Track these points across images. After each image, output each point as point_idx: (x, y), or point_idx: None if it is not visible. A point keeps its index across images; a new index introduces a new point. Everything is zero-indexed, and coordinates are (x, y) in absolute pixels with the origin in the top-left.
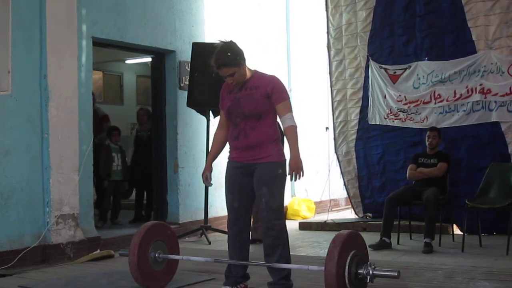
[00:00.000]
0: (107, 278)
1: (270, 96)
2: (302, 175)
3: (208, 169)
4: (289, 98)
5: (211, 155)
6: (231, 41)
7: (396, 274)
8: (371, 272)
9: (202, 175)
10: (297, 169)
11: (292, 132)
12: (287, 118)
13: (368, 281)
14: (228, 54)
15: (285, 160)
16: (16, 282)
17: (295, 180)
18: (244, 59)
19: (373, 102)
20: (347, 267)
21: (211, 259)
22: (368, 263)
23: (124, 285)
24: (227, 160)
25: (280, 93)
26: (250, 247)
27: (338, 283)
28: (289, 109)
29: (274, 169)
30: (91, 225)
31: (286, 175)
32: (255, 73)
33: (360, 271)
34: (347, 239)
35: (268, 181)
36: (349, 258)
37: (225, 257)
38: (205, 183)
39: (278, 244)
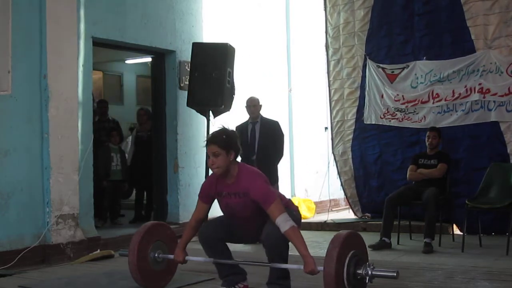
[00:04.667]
0: (107, 278)
1: (257, 202)
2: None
3: (184, 255)
4: (276, 197)
5: (184, 241)
6: (232, 131)
7: (395, 274)
8: (370, 272)
9: (176, 261)
10: (314, 273)
11: (294, 235)
12: (282, 221)
13: (367, 281)
14: (223, 136)
15: (296, 208)
16: (16, 282)
17: None
18: (234, 152)
19: (370, 102)
20: (345, 268)
21: (210, 259)
22: (367, 263)
23: (124, 285)
24: None
25: (264, 198)
26: (250, 247)
27: (337, 283)
28: (281, 210)
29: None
30: (91, 225)
31: (299, 216)
32: (241, 174)
33: (359, 271)
34: (346, 239)
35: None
36: (348, 258)
37: None
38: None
39: (278, 247)
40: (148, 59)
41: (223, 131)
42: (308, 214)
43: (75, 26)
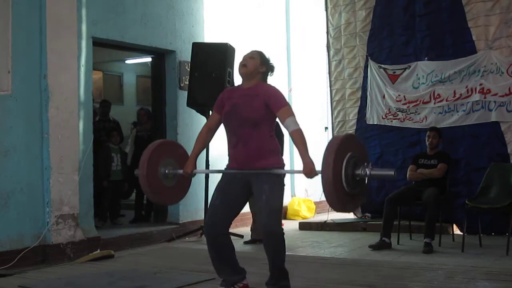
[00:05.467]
0: (107, 278)
1: (268, 104)
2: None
3: (192, 167)
4: (288, 104)
5: (195, 153)
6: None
7: (393, 173)
8: (368, 172)
9: (183, 172)
10: (312, 175)
11: (298, 136)
12: (290, 122)
13: (366, 182)
14: (264, 53)
15: (284, 166)
16: (16, 282)
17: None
18: (268, 69)
19: (371, 102)
20: (343, 171)
21: (215, 170)
22: (365, 164)
23: (124, 285)
24: (225, 167)
25: (278, 100)
26: (250, 247)
27: (335, 188)
28: (290, 113)
29: (277, 177)
30: (91, 225)
31: (284, 184)
32: (260, 83)
33: (357, 172)
34: (341, 143)
35: (269, 180)
36: (345, 161)
37: None
38: (186, 176)
39: (275, 249)
40: (148, 59)
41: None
42: (308, 214)
43: (75, 26)
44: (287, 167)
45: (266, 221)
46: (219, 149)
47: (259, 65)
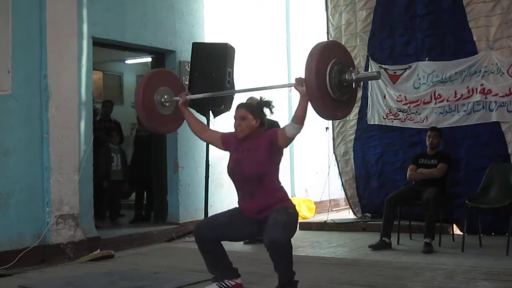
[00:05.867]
0: (107, 278)
1: (272, 141)
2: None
3: (185, 94)
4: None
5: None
6: (266, 101)
7: (376, 74)
8: (354, 77)
9: (180, 95)
10: (301, 84)
11: (295, 115)
12: (288, 125)
13: (354, 86)
14: (253, 103)
15: (294, 205)
16: (16, 282)
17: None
18: (262, 119)
19: (372, 102)
20: (327, 77)
21: (210, 93)
22: (350, 68)
23: (124, 285)
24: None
25: (274, 131)
26: (250, 247)
27: (321, 94)
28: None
29: (286, 208)
30: (91, 225)
31: (297, 218)
32: (260, 134)
33: (343, 78)
34: (323, 49)
35: (278, 211)
36: (328, 67)
37: None
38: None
39: (280, 258)
40: (148, 59)
41: (255, 100)
42: (308, 214)
43: (75, 26)
44: (287, 168)
45: (267, 232)
46: (219, 150)
47: (252, 121)
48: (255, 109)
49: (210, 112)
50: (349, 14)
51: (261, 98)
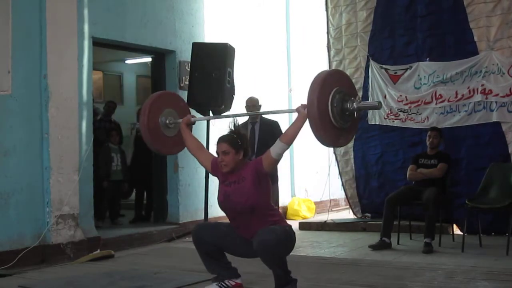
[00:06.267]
0: (107, 278)
1: (257, 170)
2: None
3: (189, 116)
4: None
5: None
6: (244, 134)
7: (377, 104)
8: (355, 106)
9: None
10: (304, 111)
11: (285, 133)
12: (274, 146)
13: (355, 115)
14: (234, 136)
15: (290, 226)
16: (16, 282)
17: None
18: (244, 152)
19: None
20: (329, 107)
21: (215, 116)
22: (352, 98)
23: (124, 285)
24: None
25: (258, 159)
26: None
27: (323, 124)
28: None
29: (282, 226)
30: (91, 225)
31: (293, 237)
32: (245, 166)
33: (345, 107)
34: (325, 79)
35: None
36: (330, 97)
37: None
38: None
39: (272, 259)
40: (148, 59)
41: (235, 131)
42: (308, 214)
43: (75, 26)
44: (287, 168)
45: (258, 235)
46: None
47: (235, 155)
48: (237, 142)
49: (210, 112)
50: (350, 14)
51: (235, 130)
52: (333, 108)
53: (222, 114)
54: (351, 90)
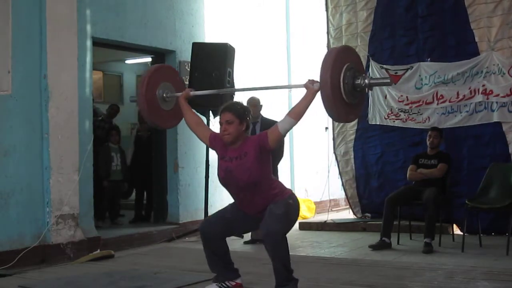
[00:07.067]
0: (107, 278)
1: (261, 144)
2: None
3: (188, 89)
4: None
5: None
6: (247, 107)
7: (389, 80)
8: (367, 82)
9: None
10: (313, 87)
11: (293, 108)
12: (282, 120)
13: (367, 91)
14: (238, 106)
15: (293, 193)
16: (16, 282)
17: None
18: (248, 123)
19: (373, 102)
20: (342, 84)
21: (214, 90)
22: (363, 75)
23: (124, 285)
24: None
25: (263, 133)
26: (250, 247)
27: (335, 102)
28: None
29: (285, 199)
30: (91, 225)
31: (296, 208)
32: (246, 139)
33: (357, 83)
34: (336, 56)
35: (277, 202)
36: (342, 74)
37: None
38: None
39: (275, 251)
40: (148, 59)
41: (238, 102)
42: (308, 214)
43: (75, 26)
44: (287, 168)
45: (263, 224)
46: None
47: (239, 125)
48: (241, 112)
49: (210, 112)
50: (350, 14)
51: (238, 102)
52: (345, 85)
53: (226, 89)
54: (360, 67)
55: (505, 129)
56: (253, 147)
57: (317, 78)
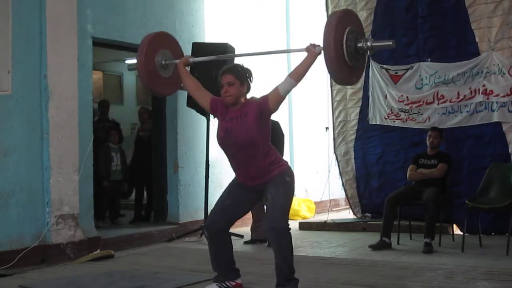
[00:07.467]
0: (107, 278)
1: (261, 108)
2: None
3: (187, 56)
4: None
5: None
6: (248, 68)
7: (391, 43)
8: (369, 44)
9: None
10: (314, 51)
11: (294, 70)
12: (282, 82)
13: (368, 54)
14: (239, 68)
15: (289, 167)
16: (16, 282)
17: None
18: (249, 83)
19: (374, 102)
20: (345, 47)
21: (214, 56)
22: (365, 37)
23: (124, 285)
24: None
25: (263, 96)
26: (250, 247)
27: (339, 64)
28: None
29: (282, 177)
30: (91, 225)
31: (293, 184)
32: (246, 102)
33: (359, 46)
34: (339, 19)
35: (276, 183)
36: (345, 36)
37: None
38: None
39: (280, 245)
40: None
41: (239, 64)
42: (308, 214)
43: (75, 26)
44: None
45: (268, 218)
46: (219, 149)
47: (240, 87)
48: (242, 74)
49: None
50: None
51: (239, 64)
52: (348, 48)
53: (227, 55)
54: (361, 30)
55: (505, 129)
56: (253, 108)
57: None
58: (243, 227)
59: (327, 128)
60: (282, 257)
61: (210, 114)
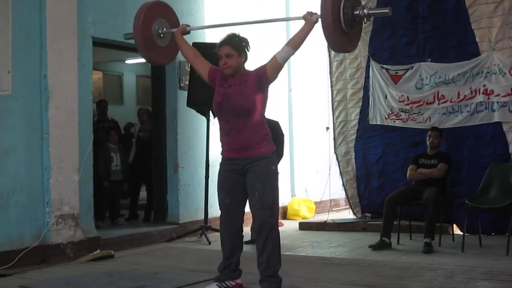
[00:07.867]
0: (107, 278)
1: (260, 77)
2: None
3: (184, 25)
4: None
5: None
6: (245, 38)
7: (388, 10)
8: (366, 12)
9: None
10: (311, 19)
11: (291, 39)
12: (280, 50)
13: (365, 21)
14: (236, 38)
15: (275, 150)
16: (16, 282)
17: None
18: (246, 53)
19: (374, 102)
20: (342, 14)
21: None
22: (361, 5)
23: (124, 285)
24: (221, 157)
25: (261, 65)
26: (250, 247)
27: (336, 31)
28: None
29: (268, 165)
30: (91, 225)
31: (278, 173)
32: (245, 72)
33: (356, 13)
34: None
35: (261, 176)
36: (342, 3)
37: None
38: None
39: (268, 243)
40: None
41: (236, 34)
42: (308, 214)
43: (75, 26)
44: (287, 168)
45: (258, 215)
46: (219, 149)
47: (238, 57)
48: (240, 44)
49: (210, 112)
50: None
51: (237, 34)
52: (345, 15)
53: (225, 24)
54: None
55: (505, 129)
56: (253, 76)
57: (316, 78)
58: (243, 227)
59: (327, 128)
60: (272, 247)
61: (208, 84)
